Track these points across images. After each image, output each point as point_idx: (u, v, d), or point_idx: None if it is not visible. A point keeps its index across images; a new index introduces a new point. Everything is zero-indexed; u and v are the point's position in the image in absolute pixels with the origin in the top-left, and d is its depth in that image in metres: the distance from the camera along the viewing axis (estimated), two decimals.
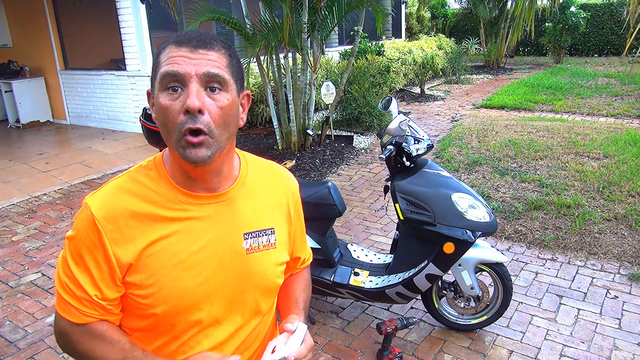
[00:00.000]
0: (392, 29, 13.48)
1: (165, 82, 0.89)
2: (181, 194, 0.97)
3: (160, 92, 0.90)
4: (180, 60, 0.88)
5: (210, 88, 0.89)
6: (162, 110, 0.89)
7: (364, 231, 4.08)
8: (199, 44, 0.90)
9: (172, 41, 0.91)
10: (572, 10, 13.26)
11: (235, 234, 1.01)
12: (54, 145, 7.18)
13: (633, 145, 5.68)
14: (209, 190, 0.99)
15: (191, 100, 0.86)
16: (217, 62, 0.90)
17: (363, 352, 2.64)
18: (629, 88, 9.57)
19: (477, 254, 2.53)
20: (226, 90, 0.91)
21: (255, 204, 1.05)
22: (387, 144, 2.63)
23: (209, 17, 5.38)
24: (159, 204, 0.96)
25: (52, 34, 8.24)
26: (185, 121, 0.87)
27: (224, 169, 1.00)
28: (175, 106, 0.88)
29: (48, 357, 2.68)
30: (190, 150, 0.89)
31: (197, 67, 0.88)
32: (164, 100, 0.89)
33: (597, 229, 3.84)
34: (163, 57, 0.91)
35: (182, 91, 0.88)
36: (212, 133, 0.89)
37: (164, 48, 0.92)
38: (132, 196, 0.95)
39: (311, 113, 6.30)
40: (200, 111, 0.87)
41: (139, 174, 0.99)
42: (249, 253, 1.02)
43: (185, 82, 0.88)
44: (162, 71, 0.89)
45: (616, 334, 2.69)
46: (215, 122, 0.89)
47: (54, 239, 4.12)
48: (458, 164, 5.41)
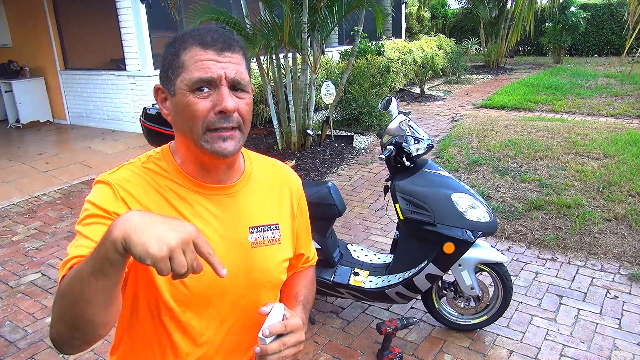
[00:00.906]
0: (392, 29, 13.48)
1: (196, 86, 0.92)
2: (191, 183, 1.00)
3: (188, 92, 0.93)
4: (210, 64, 0.92)
5: (235, 88, 0.95)
6: (190, 108, 0.92)
7: (364, 231, 4.08)
8: (224, 46, 0.94)
9: (196, 42, 0.93)
10: (572, 10, 13.26)
11: (241, 227, 1.03)
12: (54, 145, 7.18)
13: (633, 145, 5.68)
14: (217, 182, 1.03)
15: (228, 102, 0.92)
16: (240, 64, 0.95)
17: (363, 352, 2.64)
18: (629, 88, 9.58)
19: (477, 254, 2.53)
20: (247, 91, 0.97)
21: (260, 199, 1.08)
22: (387, 144, 2.63)
23: (209, 17, 5.38)
24: (170, 188, 0.99)
25: (52, 34, 8.24)
26: (217, 120, 0.93)
27: (235, 163, 1.05)
28: (205, 104, 0.92)
29: (48, 357, 2.68)
30: (220, 144, 0.93)
31: (226, 71, 0.92)
32: (194, 99, 0.92)
33: (597, 229, 3.84)
34: (188, 59, 0.93)
35: (210, 91, 0.92)
36: (241, 128, 0.96)
37: (184, 48, 0.94)
38: (143, 178, 0.98)
39: (311, 113, 6.30)
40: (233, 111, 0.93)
41: (148, 161, 1.02)
42: (254, 247, 1.04)
43: (217, 84, 0.92)
44: (195, 77, 0.91)
45: (616, 334, 2.69)
46: (244, 118, 0.96)
47: (54, 239, 4.12)
48: (458, 164, 5.41)
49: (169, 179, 1.00)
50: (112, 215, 0.90)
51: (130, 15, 7.06)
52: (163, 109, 1.00)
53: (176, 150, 1.03)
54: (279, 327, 0.91)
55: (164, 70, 0.97)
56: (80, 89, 8.30)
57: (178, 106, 0.95)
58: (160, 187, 0.98)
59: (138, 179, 0.98)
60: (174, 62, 0.95)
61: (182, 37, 0.96)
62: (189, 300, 0.97)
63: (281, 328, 0.91)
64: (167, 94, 0.97)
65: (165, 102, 0.99)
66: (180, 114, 0.95)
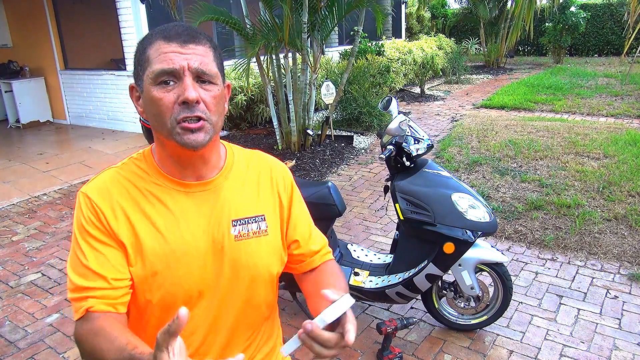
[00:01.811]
0: (392, 29, 13.48)
1: (158, 78, 0.92)
2: (169, 181, 1.01)
3: (153, 86, 0.93)
4: (172, 56, 0.92)
5: (201, 81, 0.94)
6: (155, 102, 0.93)
7: (364, 231, 4.08)
8: (187, 38, 0.94)
9: (160, 36, 0.94)
10: (572, 10, 13.26)
11: (223, 221, 1.02)
12: (54, 145, 7.18)
13: (633, 145, 5.68)
14: (196, 178, 1.02)
15: (189, 92, 0.91)
16: (206, 55, 0.95)
17: (363, 352, 2.64)
18: (629, 88, 9.57)
19: (477, 254, 2.53)
20: (215, 82, 0.96)
21: (243, 191, 1.07)
22: (387, 144, 2.63)
23: (208, 17, 5.38)
24: (149, 191, 1.00)
25: (52, 34, 8.24)
26: (181, 111, 0.92)
27: (212, 157, 1.04)
28: (169, 97, 0.92)
29: (48, 357, 2.68)
30: (189, 136, 0.93)
31: (189, 62, 0.92)
32: (158, 93, 0.92)
33: (597, 229, 3.83)
34: (153, 53, 0.93)
35: (175, 84, 0.92)
36: (210, 119, 0.94)
37: (150, 43, 0.95)
38: (123, 183, 1.00)
39: (311, 113, 6.30)
40: (196, 102, 0.92)
41: (129, 164, 1.03)
42: (237, 240, 1.03)
43: (179, 75, 0.92)
44: (157, 69, 0.92)
45: (616, 334, 2.69)
46: (210, 110, 0.95)
47: (54, 239, 4.12)
48: (458, 164, 5.41)
49: (149, 181, 1.01)
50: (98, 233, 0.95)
51: (130, 15, 7.06)
52: (138, 107, 1.00)
53: (155, 149, 1.04)
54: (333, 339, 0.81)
55: (135, 68, 0.98)
56: (80, 89, 8.30)
57: (146, 101, 0.95)
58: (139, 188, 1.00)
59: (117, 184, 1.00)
60: (141, 59, 0.96)
61: (149, 34, 0.97)
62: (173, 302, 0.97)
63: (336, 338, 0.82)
64: (139, 92, 0.98)
65: (139, 101, 0.99)
66: (149, 109, 0.95)
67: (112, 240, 0.95)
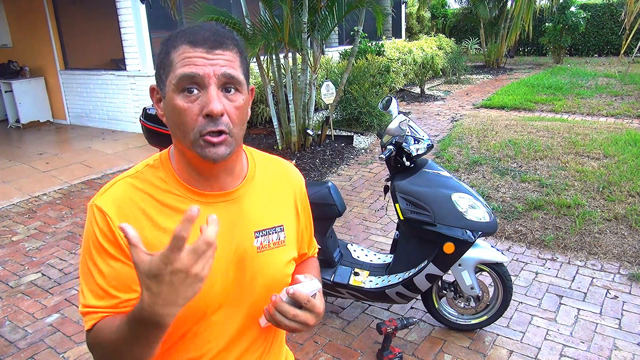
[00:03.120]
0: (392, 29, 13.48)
1: (181, 84, 0.88)
2: (190, 192, 0.97)
3: (176, 94, 0.89)
4: (198, 62, 0.87)
5: (226, 89, 0.90)
6: (178, 112, 0.89)
7: (364, 231, 4.08)
8: (214, 44, 0.89)
9: (186, 40, 0.90)
10: (572, 10, 13.26)
11: (245, 232, 1.00)
12: (54, 145, 7.18)
13: (633, 145, 5.68)
14: (219, 188, 0.99)
15: (214, 105, 0.86)
16: (233, 62, 0.90)
17: (363, 352, 2.64)
18: (629, 88, 9.58)
19: (477, 254, 2.53)
20: (240, 91, 0.92)
21: (264, 201, 1.05)
22: (387, 144, 2.63)
23: (208, 17, 5.37)
24: (168, 203, 0.96)
25: (52, 34, 8.24)
26: (205, 124, 0.88)
27: (236, 168, 1.01)
28: (193, 108, 0.88)
29: (48, 357, 2.68)
30: (210, 149, 0.89)
31: (214, 68, 0.87)
32: (181, 102, 0.88)
33: (597, 229, 3.84)
34: (176, 57, 0.89)
35: (199, 93, 0.88)
36: (232, 132, 0.91)
37: (175, 47, 0.90)
38: (139, 194, 0.95)
39: (311, 113, 6.30)
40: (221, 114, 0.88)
41: (146, 172, 0.99)
42: (259, 251, 1.01)
43: (204, 84, 0.87)
44: (180, 73, 0.88)
45: (616, 334, 2.69)
46: (233, 122, 0.91)
47: (54, 239, 4.12)
48: (458, 164, 5.41)
49: (167, 191, 0.96)
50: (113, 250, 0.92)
51: (131, 15, 7.06)
52: (158, 109, 0.97)
53: (174, 155, 1.00)
54: (303, 297, 0.89)
55: (157, 70, 0.94)
56: (80, 89, 8.30)
57: (168, 108, 0.92)
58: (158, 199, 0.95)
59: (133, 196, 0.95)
60: (164, 61, 0.92)
61: (175, 35, 0.93)
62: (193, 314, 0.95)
63: (303, 299, 0.89)
64: (160, 95, 0.95)
65: (160, 103, 0.96)
66: (170, 116, 0.92)
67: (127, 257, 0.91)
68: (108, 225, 0.92)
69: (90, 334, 0.92)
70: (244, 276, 1.00)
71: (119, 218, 0.92)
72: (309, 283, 0.93)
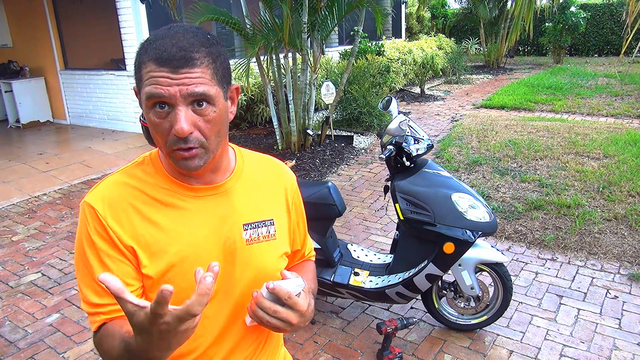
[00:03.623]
0: (392, 29, 13.48)
1: (150, 102, 0.88)
2: (178, 186, 0.99)
3: (148, 108, 0.89)
4: (163, 82, 0.86)
5: (197, 103, 0.88)
6: (152, 125, 0.90)
7: (364, 231, 4.08)
8: (180, 63, 0.86)
9: (152, 58, 0.87)
10: (572, 10, 13.26)
11: (234, 225, 1.01)
12: (54, 145, 7.18)
13: (633, 145, 5.68)
14: (205, 183, 1.01)
15: (179, 126, 0.86)
16: (202, 77, 0.88)
17: (363, 352, 2.64)
18: (629, 88, 9.58)
19: (477, 254, 2.53)
20: (213, 103, 0.90)
21: (253, 195, 1.06)
22: (387, 144, 2.63)
23: (209, 17, 5.38)
24: (157, 197, 0.97)
25: (52, 34, 8.24)
26: (175, 141, 0.89)
27: (221, 165, 1.02)
28: (164, 124, 0.89)
29: (48, 357, 2.68)
30: (182, 162, 0.91)
31: (180, 88, 0.86)
32: (153, 118, 0.89)
33: (597, 229, 3.84)
34: (145, 74, 0.88)
35: (169, 109, 0.87)
36: (203, 145, 0.91)
37: (143, 62, 0.89)
38: (129, 189, 0.97)
39: (311, 113, 6.30)
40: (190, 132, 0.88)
41: (135, 169, 1.01)
42: (249, 244, 1.02)
43: (171, 103, 0.87)
44: (147, 92, 0.87)
45: (616, 334, 2.69)
46: (206, 135, 0.90)
47: (54, 239, 4.12)
48: (458, 164, 5.41)
49: (156, 185, 0.98)
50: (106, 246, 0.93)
51: (131, 15, 7.06)
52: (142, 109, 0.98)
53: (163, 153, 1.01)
54: (283, 293, 0.88)
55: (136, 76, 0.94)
56: (80, 89, 8.30)
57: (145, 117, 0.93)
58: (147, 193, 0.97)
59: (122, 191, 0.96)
60: (137, 74, 0.92)
61: (144, 47, 0.91)
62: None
63: (284, 295, 0.88)
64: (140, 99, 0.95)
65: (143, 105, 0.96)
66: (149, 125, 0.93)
67: (119, 253, 0.93)
68: (99, 221, 0.93)
69: (96, 337, 0.94)
70: (233, 269, 1.01)
71: (109, 214, 0.94)
72: (293, 280, 0.92)
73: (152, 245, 0.95)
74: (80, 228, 0.96)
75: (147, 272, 0.94)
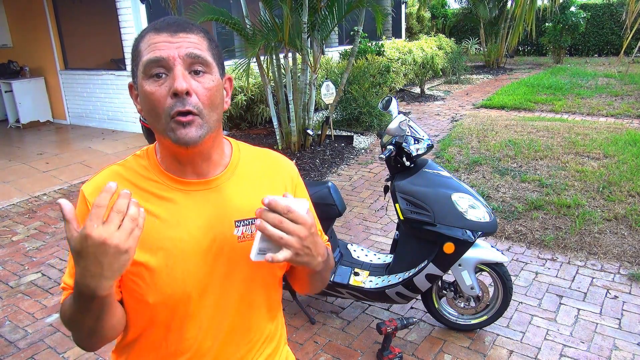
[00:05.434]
0: (392, 29, 13.48)
1: (149, 70, 0.89)
2: (170, 180, 0.99)
3: (144, 80, 0.90)
4: (161, 46, 0.89)
5: (194, 71, 0.90)
6: (148, 97, 0.90)
7: (364, 231, 4.08)
8: (178, 28, 0.91)
9: (151, 29, 0.92)
10: (572, 10, 13.26)
11: (225, 221, 1.00)
12: (54, 145, 7.18)
13: (633, 145, 5.68)
14: (198, 176, 1.00)
15: (178, 82, 0.87)
16: (198, 44, 0.91)
17: (363, 352, 2.64)
18: (629, 88, 9.58)
19: (477, 254, 2.53)
20: (210, 72, 0.92)
21: (248, 190, 1.04)
22: (387, 144, 2.63)
23: (209, 17, 5.38)
24: (148, 189, 0.98)
25: (52, 34, 8.24)
26: (174, 104, 0.89)
27: (213, 155, 1.01)
28: (161, 91, 0.89)
29: (48, 357, 2.68)
30: (181, 131, 0.90)
31: (179, 50, 0.89)
32: (149, 87, 0.90)
33: (597, 229, 3.84)
34: (143, 46, 0.92)
35: (167, 77, 0.89)
36: (201, 113, 0.91)
37: (142, 37, 0.93)
38: (123, 181, 0.98)
39: (311, 113, 6.30)
40: (187, 93, 0.89)
41: (132, 161, 1.02)
42: (240, 241, 1.00)
43: (170, 66, 0.89)
44: (145, 59, 0.90)
45: (616, 334, 2.69)
46: (203, 103, 0.91)
47: (54, 239, 4.12)
48: (458, 164, 5.41)
49: (148, 178, 0.99)
50: None
51: (131, 15, 7.07)
52: (137, 105, 0.98)
53: (159, 146, 1.02)
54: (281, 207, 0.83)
55: (132, 66, 0.96)
56: (80, 89, 8.30)
57: (141, 97, 0.93)
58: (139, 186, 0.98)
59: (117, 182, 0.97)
60: (134, 54, 0.94)
61: (143, 30, 0.95)
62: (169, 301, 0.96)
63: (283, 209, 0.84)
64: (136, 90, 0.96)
65: (137, 99, 0.97)
66: (144, 105, 0.93)
67: None
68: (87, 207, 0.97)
69: (60, 308, 0.98)
70: (224, 266, 0.99)
71: None
72: (293, 199, 0.87)
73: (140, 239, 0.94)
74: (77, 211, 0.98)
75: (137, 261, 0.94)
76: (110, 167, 1.03)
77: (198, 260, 0.97)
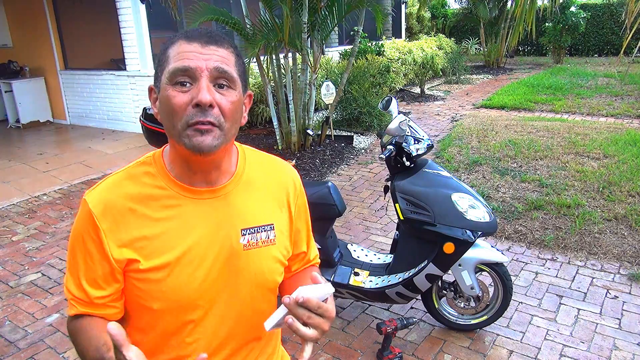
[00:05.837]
0: (392, 29, 13.48)
1: (174, 77, 0.90)
2: (178, 187, 0.98)
3: (168, 86, 0.91)
4: (191, 56, 0.90)
5: (218, 85, 0.91)
6: (169, 101, 0.90)
7: (364, 231, 4.08)
8: (209, 40, 0.92)
9: (182, 37, 0.93)
10: (572, 10, 13.25)
11: (231, 230, 1.00)
12: (54, 145, 7.18)
13: (633, 145, 5.68)
14: (207, 184, 1.00)
15: (203, 94, 0.88)
16: (226, 58, 0.92)
17: (363, 352, 2.64)
18: (629, 88, 9.58)
19: (477, 254, 2.53)
20: (233, 88, 0.93)
21: (254, 199, 1.04)
22: (387, 144, 2.63)
23: (209, 17, 5.38)
24: (156, 198, 0.97)
25: (52, 34, 8.24)
26: (194, 114, 0.89)
27: (223, 163, 1.01)
28: (184, 97, 0.89)
29: (48, 357, 2.68)
30: (197, 138, 0.90)
31: (207, 62, 0.89)
32: (172, 92, 0.90)
33: (597, 229, 3.84)
34: (172, 52, 0.92)
35: (191, 86, 0.90)
36: (222, 126, 0.91)
37: (172, 43, 0.93)
38: (129, 191, 0.97)
39: (311, 113, 6.30)
40: (210, 105, 0.89)
41: (137, 169, 1.00)
42: (246, 249, 1.01)
43: (196, 76, 0.89)
44: (173, 67, 0.90)
45: (616, 334, 2.69)
46: (225, 115, 0.91)
47: (54, 239, 4.12)
48: (458, 164, 5.41)
49: (155, 186, 0.97)
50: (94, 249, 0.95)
51: (130, 15, 7.06)
52: (154, 108, 0.98)
53: (168, 152, 1.01)
54: (313, 305, 0.84)
55: (156, 69, 0.97)
56: (80, 89, 8.30)
57: (161, 102, 0.93)
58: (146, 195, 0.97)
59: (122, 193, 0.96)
60: (162, 59, 0.94)
61: (174, 35, 0.95)
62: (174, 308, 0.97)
63: (314, 307, 0.85)
64: (157, 94, 0.96)
65: (156, 102, 0.97)
66: (162, 109, 0.93)
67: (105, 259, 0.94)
68: (93, 222, 0.94)
69: (71, 324, 0.98)
70: (230, 274, 1.00)
71: (104, 216, 0.95)
72: (322, 287, 0.88)
73: (146, 247, 0.95)
74: (77, 222, 0.98)
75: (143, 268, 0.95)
76: (112, 178, 1.00)
77: (204, 268, 0.97)
